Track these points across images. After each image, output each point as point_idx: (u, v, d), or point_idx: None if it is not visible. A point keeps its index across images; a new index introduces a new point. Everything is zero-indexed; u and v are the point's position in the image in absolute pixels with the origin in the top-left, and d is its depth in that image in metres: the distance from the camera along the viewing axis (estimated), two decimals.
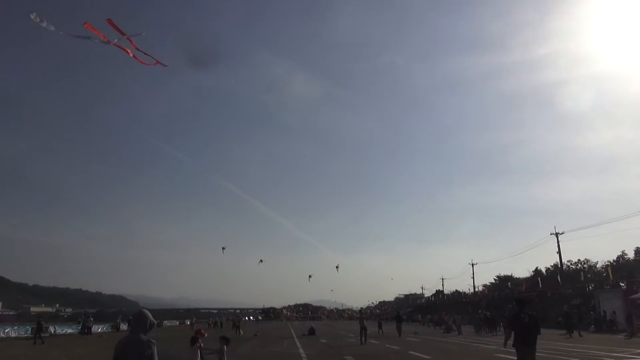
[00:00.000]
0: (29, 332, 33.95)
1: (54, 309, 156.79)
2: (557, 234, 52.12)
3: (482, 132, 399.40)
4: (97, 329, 44.16)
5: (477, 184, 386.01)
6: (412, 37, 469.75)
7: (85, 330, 38.47)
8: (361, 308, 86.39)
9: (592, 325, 36.45)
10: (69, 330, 41.21)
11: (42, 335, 30.04)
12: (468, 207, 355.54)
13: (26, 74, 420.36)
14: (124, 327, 48.75)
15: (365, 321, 27.87)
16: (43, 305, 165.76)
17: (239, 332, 39.55)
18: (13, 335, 34.61)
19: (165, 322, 68.56)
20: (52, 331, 37.21)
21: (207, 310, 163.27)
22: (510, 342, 8.59)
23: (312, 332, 37.20)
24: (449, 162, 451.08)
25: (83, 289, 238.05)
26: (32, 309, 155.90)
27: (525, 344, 8.24)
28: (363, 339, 25.98)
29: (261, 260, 53.34)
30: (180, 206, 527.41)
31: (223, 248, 51.20)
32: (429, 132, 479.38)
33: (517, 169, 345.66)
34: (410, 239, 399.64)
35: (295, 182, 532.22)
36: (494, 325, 37.24)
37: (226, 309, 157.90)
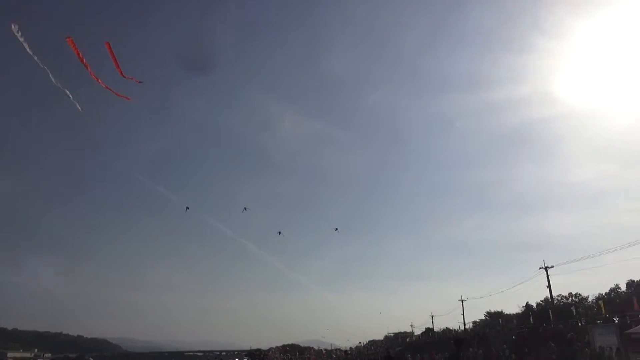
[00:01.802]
0: None
1: (32, 354, 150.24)
2: (546, 268, 51.12)
3: (470, 168, 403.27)
4: None
5: (466, 219, 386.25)
6: (401, 77, 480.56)
7: None
8: (345, 350, 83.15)
9: None
10: None
11: None
12: (458, 242, 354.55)
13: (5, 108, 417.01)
14: None
15: None
16: (21, 350, 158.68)
17: None
18: None
19: None
20: None
21: (192, 354, 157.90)
22: None
23: None
24: (438, 198, 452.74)
25: (64, 332, 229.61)
26: (10, 354, 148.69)
27: None
28: None
29: (280, 232, 48.35)
30: (166, 245, 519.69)
31: (245, 208, 45.18)
32: (418, 167, 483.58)
33: (506, 205, 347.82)
34: (400, 276, 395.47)
35: (285, 220, 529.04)
36: None
37: (212, 352, 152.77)
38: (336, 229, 46.30)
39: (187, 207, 43.62)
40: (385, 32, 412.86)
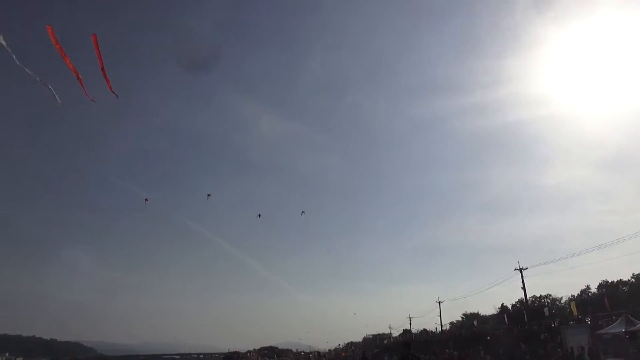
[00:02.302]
0: None
1: (4, 358, 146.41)
2: (521, 270, 51.77)
3: (447, 171, 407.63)
4: None
5: (442, 221, 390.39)
6: (379, 80, 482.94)
7: None
8: (317, 352, 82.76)
9: None
10: None
11: None
12: (435, 245, 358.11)
13: None
14: None
15: None
16: None
17: None
18: None
19: None
20: None
21: (169, 357, 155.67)
22: None
23: None
24: (415, 201, 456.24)
25: (36, 336, 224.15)
26: None
27: None
28: None
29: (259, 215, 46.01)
30: (142, 247, 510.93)
31: (208, 195, 41.86)
32: (395, 170, 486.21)
33: (481, 207, 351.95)
34: (379, 279, 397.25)
35: (262, 222, 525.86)
36: None
37: (190, 354, 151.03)
38: (259, 215, 44.78)
39: (146, 199, 41.06)
40: (363, 36, 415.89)
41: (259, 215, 44.93)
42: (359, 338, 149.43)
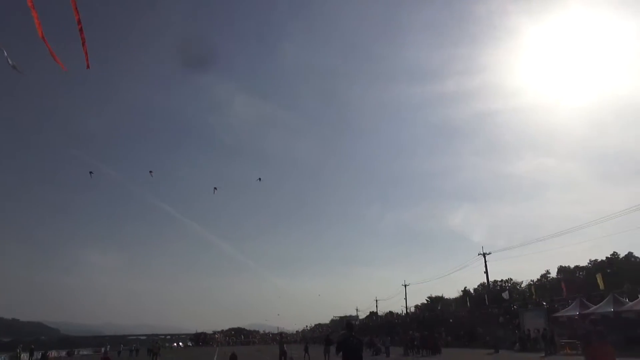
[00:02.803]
0: None
1: None
2: (484, 254, 53.06)
3: (416, 158, 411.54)
4: None
5: (410, 207, 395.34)
6: (354, 64, 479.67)
7: None
8: (280, 333, 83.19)
9: (517, 344, 36.60)
10: None
11: None
12: (403, 230, 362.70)
13: None
14: (25, 357, 44.08)
15: (285, 345, 26.07)
16: None
17: None
18: None
19: (82, 351, 64.09)
20: None
21: (135, 337, 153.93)
22: None
23: (233, 358, 34.66)
24: (385, 186, 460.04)
25: None
26: None
27: None
28: None
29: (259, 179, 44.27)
30: (105, 226, 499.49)
31: (215, 188, 41.21)
32: (366, 156, 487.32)
33: (450, 194, 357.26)
34: (347, 262, 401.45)
35: (233, 204, 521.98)
36: (426, 347, 36.87)
37: (157, 335, 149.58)
38: (259, 179, 43.43)
39: (91, 172, 38.80)
40: (339, 19, 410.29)
41: (259, 179, 43.38)
42: (326, 320, 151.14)
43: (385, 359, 33.45)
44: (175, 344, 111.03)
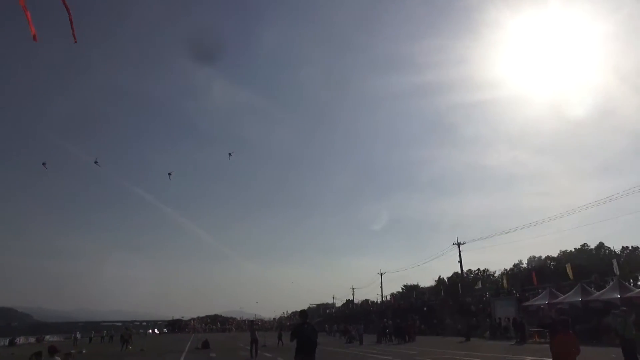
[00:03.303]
0: None
1: None
2: (458, 244, 53.63)
3: (394, 148, 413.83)
4: None
5: (387, 197, 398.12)
6: (333, 53, 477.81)
7: None
8: (252, 320, 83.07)
9: (488, 332, 37.23)
10: None
11: None
12: (380, 219, 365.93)
13: None
14: None
15: (257, 332, 25.85)
16: None
17: (128, 348, 36.15)
18: None
19: (47, 337, 63.05)
20: None
21: (111, 323, 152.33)
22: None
23: (205, 345, 34.55)
24: (362, 176, 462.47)
25: None
26: None
27: (305, 353, 9.38)
28: (254, 351, 23.97)
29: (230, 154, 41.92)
30: (78, 210, 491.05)
31: (169, 174, 40.69)
32: (343, 145, 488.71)
33: (426, 185, 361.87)
34: (324, 250, 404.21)
35: (211, 192, 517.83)
36: (399, 335, 37.31)
37: (133, 322, 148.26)
38: (230, 154, 41.44)
39: (96, 161, 38.35)
40: (319, 9, 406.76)
41: (230, 154, 41.58)
42: (303, 307, 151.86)
43: (358, 347, 33.59)
44: (150, 331, 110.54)
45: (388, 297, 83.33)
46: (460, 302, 50.97)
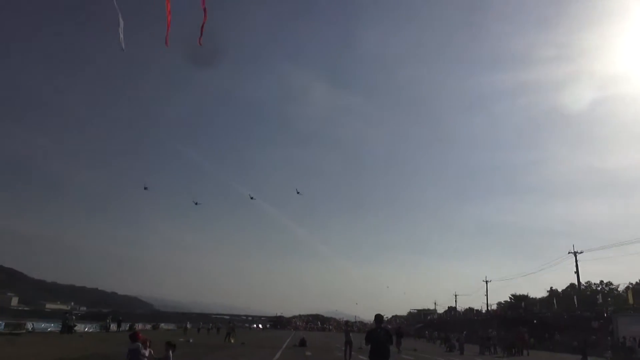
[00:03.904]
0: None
1: (69, 307, 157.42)
2: (575, 253, 49.00)
3: (499, 149, 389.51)
4: (84, 328, 42.58)
5: (493, 201, 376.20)
6: (434, 52, 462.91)
7: (66, 329, 36.77)
8: (347, 320, 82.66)
9: (610, 352, 33.44)
10: (50, 328, 39.55)
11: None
12: (484, 224, 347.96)
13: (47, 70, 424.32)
14: (114, 327, 47.33)
15: (351, 334, 25.42)
16: (59, 302, 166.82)
17: (230, 340, 37.86)
18: None
19: (162, 324, 68.84)
20: (30, 328, 35.62)
21: (219, 316, 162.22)
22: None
23: (302, 343, 35.00)
24: (465, 178, 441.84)
25: (99, 289, 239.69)
26: (48, 305, 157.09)
27: (377, 357, 9.45)
28: (347, 353, 23.58)
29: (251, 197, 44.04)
30: (198, 211, 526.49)
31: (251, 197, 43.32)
32: (445, 147, 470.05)
33: (536, 188, 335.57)
34: (425, 253, 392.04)
35: (314, 193, 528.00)
36: (507, 346, 35.10)
37: (239, 316, 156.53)
38: (297, 192, 42.68)
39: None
40: (419, 8, 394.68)
41: (298, 192, 44.00)
42: (404, 312, 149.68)
43: (458, 356, 31.91)
44: (254, 325, 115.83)
45: (494, 306, 78.95)
46: (577, 316, 46.51)
